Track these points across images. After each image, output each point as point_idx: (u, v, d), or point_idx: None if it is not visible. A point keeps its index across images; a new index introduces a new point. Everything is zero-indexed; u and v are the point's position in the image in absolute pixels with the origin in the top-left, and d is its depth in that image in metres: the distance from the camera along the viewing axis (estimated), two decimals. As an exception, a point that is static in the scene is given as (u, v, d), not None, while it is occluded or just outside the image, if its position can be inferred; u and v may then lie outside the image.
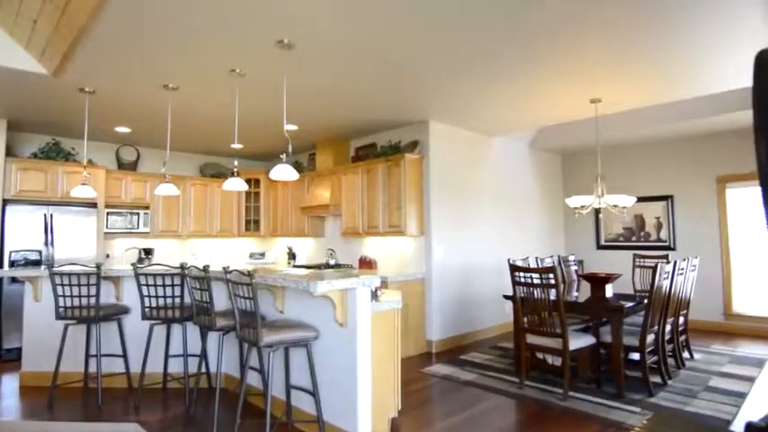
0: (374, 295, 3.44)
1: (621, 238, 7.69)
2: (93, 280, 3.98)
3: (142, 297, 3.93)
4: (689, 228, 7.01)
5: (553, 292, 3.95)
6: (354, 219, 6.30)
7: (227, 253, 8.22)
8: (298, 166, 7.74)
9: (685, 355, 5.15)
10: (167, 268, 4.11)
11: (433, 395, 4.16)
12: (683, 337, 5.02)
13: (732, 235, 6.62)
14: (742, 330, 6.43)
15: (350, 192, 6.39)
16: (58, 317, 3.93)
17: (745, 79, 4.43)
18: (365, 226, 6.14)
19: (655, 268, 3.98)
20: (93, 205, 6.34)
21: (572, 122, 6.51)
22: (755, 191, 6.44)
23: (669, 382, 4.29)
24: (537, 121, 6.01)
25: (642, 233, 7.46)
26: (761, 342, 5.93)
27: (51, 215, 5.97)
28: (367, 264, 6.29)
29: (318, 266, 6.32)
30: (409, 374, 4.73)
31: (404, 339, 5.38)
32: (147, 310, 3.98)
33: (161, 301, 4.01)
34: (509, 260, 4.43)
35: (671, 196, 7.18)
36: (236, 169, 4.18)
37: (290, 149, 3.46)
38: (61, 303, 3.97)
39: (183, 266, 3.84)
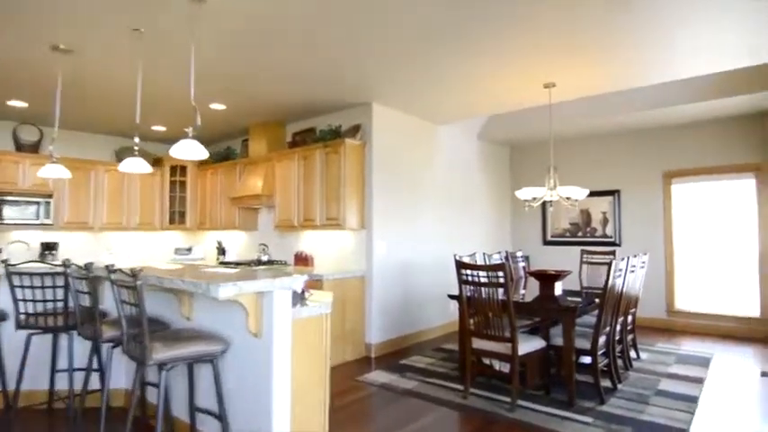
0: (300, 298, 2.94)
1: (568, 234, 7.50)
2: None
3: (16, 301, 3.24)
4: (634, 223, 6.89)
5: (502, 291, 3.57)
6: (289, 210, 5.70)
7: (149, 248, 7.37)
8: (230, 153, 7.03)
9: (632, 354, 4.95)
10: (48, 267, 3.42)
11: (367, 409, 3.68)
12: (630, 336, 4.82)
13: (676, 231, 6.55)
14: (684, 327, 6.39)
15: (285, 180, 5.79)
16: None
17: (701, 67, 4.21)
18: (301, 218, 5.57)
19: (609, 266, 3.70)
20: (-20, 192, 5.44)
21: (522, 112, 6.21)
22: (700, 186, 6.40)
23: (619, 386, 4.03)
24: (487, 108, 5.63)
25: (588, 228, 7.29)
26: (702, 339, 5.92)
27: (-76, 203, 5.06)
28: (303, 260, 5.73)
29: (249, 263, 5.69)
30: (344, 383, 4.24)
31: (341, 344, 4.88)
32: (22, 317, 3.28)
33: (40, 307, 3.33)
34: (455, 256, 4.01)
35: (618, 191, 7.03)
36: (136, 148, 3.52)
37: (198, 121, 2.87)
38: None
39: (65, 264, 3.19)
